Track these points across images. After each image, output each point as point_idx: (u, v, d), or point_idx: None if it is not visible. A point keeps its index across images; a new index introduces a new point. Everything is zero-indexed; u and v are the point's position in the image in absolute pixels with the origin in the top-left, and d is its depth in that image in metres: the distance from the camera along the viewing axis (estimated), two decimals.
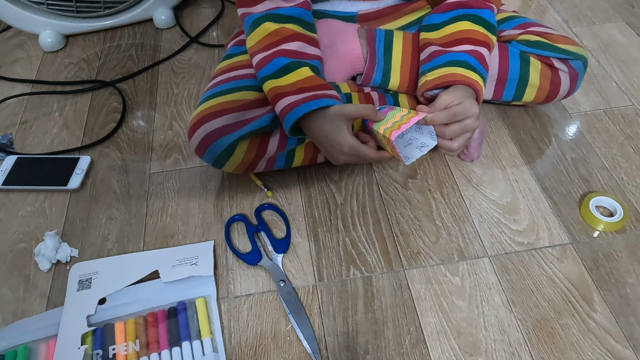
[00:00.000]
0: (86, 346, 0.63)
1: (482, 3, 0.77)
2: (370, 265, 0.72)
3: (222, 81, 0.77)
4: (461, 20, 0.76)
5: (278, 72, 0.70)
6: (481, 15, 0.76)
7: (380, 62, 0.79)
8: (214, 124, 0.70)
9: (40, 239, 0.76)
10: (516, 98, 0.84)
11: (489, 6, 0.77)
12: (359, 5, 0.85)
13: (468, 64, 0.72)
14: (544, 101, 0.85)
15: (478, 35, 0.75)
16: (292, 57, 0.71)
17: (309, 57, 0.72)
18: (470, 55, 0.73)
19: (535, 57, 0.81)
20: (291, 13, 0.74)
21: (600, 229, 0.75)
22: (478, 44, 0.74)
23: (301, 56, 0.71)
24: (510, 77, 0.81)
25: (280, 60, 0.70)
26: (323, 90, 0.69)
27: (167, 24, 1.15)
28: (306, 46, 0.73)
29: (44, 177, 0.84)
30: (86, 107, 0.98)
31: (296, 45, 0.72)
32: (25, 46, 1.13)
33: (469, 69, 0.72)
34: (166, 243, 0.75)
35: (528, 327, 0.65)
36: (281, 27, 0.72)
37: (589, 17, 1.14)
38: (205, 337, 0.64)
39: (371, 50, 0.79)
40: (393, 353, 0.63)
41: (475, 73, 0.72)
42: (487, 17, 0.76)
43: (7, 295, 0.70)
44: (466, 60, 0.73)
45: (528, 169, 0.83)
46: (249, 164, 0.75)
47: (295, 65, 0.70)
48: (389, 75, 0.80)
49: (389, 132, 0.64)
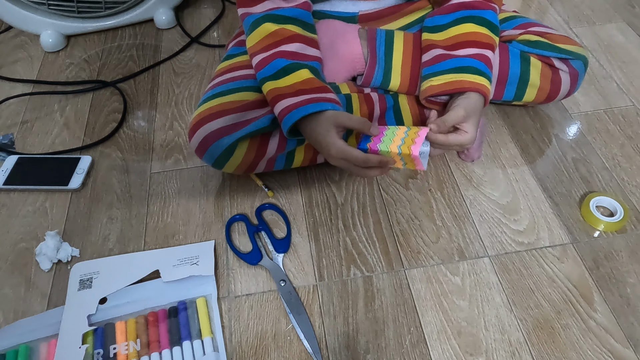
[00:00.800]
0: (87, 345, 0.63)
1: (484, 4, 0.77)
2: (370, 264, 0.72)
3: (222, 82, 0.77)
4: (465, 22, 0.76)
5: (277, 73, 0.70)
6: (485, 17, 0.76)
7: (381, 62, 0.80)
8: (214, 124, 0.71)
9: (42, 238, 0.76)
10: (517, 98, 0.84)
11: (491, 7, 0.77)
12: (360, 5, 0.85)
13: (476, 68, 0.72)
14: (544, 101, 0.85)
15: (483, 38, 0.75)
16: (292, 59, 0.71)
17: (308, 59, 0.72)
18: (477, 59, 0.73)
19: (535, 57, 0.81)
20: (291, 14, 0.74)
21: (600, 229, 0.75)
22: (483, 47, 0.74)
23: (300, 57, 0.71)
24: (510, 77, 0.81)
25: (279, 62, 0.70)
26: (322, 93, 0.69)
27: (168, 24, 1.15)
28: (306, 47, 0.73)
29: (45, 177, 0.84)
30: (87, 107, 0.98)
31: (295, 46, 0.72)
32: (27, 46, 1.13)
33: (477, 74, 0.72)
34: (167, 243, 0.76)
35: (528, 327, 0.65)
36: (281, 28, 0.72)
37: (589, 17, 1.14)
38: (205, 337, 0.64)
39: (372, 51, 0.79)
40: (393, 353, 0.63)
41: (483, 77, 0.72)
42: (491, 18, 0.76)
43: (8, 294, 0.71)
44: (473, 65, 0.73)
45: (528, 169, 0.83)
46: (249, 164, 0.75)
47: (294, 67, 0.70)
48: (389, 75, 0.80)
49: (408, 149, 0.64)
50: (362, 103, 0.79)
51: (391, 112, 0.81)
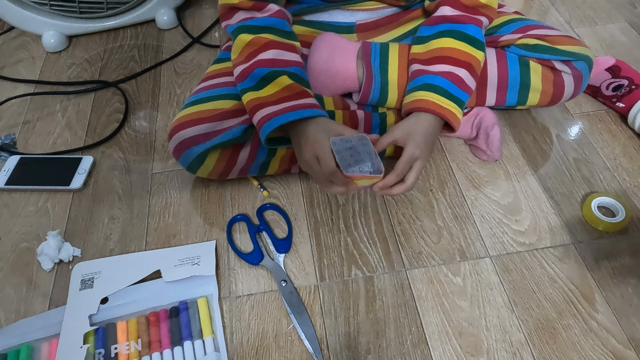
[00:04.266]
0: (88, 345, 0.63)
1: (468, 18, 0.76)
2: (371, 265, 0.72)
3: (204, 88, 0.79)
4: (444, 36, 0.76)
5: (258, 84, 0.71)
6: (465, 32, 0.75)
7: (377, 77, 0.79)
8: (188, 132, 0.72)
9: (43, 238, 0.76)
10: (520, 103, 0.84)
11: (475, 20, 0.76)
12: (357, 15, 0.85)
13: (442, 89, 0.72)
14: (549, 104, 0.84)
15: (459, 55, 0.74)
16: (270, 66, 0.71)
17: (287, 64, 0.72)
18: (446, 78, 0.73)
19: (535, 61, 0.80)
20: (265, 23, 0.75)
21: (602, 229, 0.75)
22: (457, 64, 0.74)
23: (279, 64, 0.72)
24: (510, 82, 0.81)
25: (259, 72, 0.71)
26: (303, 99, 0.69)
27: (170, 25, 1.15)
28: (283, 53, 0.73)
29: (47, 177, 0.84)
30: (89, 107, 0.98)
31: (272, 53, 0.72)
32: (29, 47, 1.13)
33: (442, 94, 0.72)
34: (168, 243, 0.76)
35: (530, 328, 0.65)
36: (256, 37, 0.73)
37: (591, 17, 1.14)
38: (207, 337, 0.64)
39: (367, 67, 0.79)
40: (395, 353, 0.63)
41: (448, 99, 0.72)
42: (472, 33, 0.76)
43: (9, 294, 0.71)
44: (440, 85, 0.73)
45: (530, 169, 0.83)
46: (220, 172, 0.76)
47: (273, 75, 0.70)
48: (386, 90, 0.80)
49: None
50: (346, 121, 0.79)
51: (377, 131, 0.81)
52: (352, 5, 0.83)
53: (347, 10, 0.84)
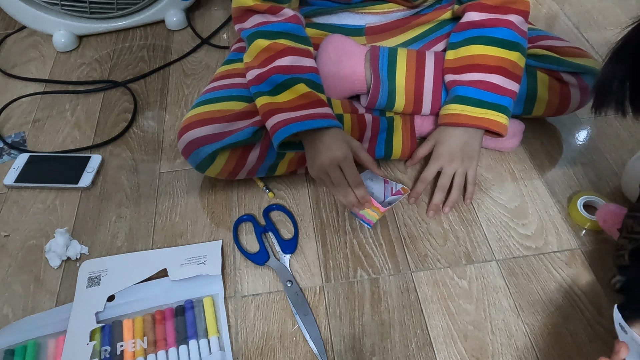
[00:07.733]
0: (94, 342, 0.64)
1: (495, 20, 0.76)
2: (377, 267, 0.72)
3: (215, 88, 0.79)
4: (472, 43, 0.76)
5: (274, 89, 0.72)
6: (493, 35, 0.75)
7: (385, 83, 0.79)
8: (198, 132, 0.72)
9: (51, 236, 0.76)
10: (526, 112, 0.84)
11: (503, 22, 0.76)
12: (367, 18, 0.85)
13: (475, 100, 0.74)
14: (555, 114, 0.84)
15: (489, 60, 0.75)
16: (287, 73, 0.72)
17: (304, 71, 0.73)
18: (478, 87, 0.74)
19: (542, 71, 0.80)
20: (281, 29, 0.75)
21: (587, 228, 0.74)
22: (489, 71, 0.74)
23: (295, 70, 0.72)
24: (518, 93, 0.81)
25: (276, 78, 0.72)
26: (320, 108, 0.71)
27: (179, 26, 1.16)
28: (300, 59, 0.74)
29: (56, 175, 0.85)
30: (98, 106, 0.99)
31: (289, 59, 0.73)
32: (39, 46, 1.14)
33: (475, 105, 0.74)
34: (175, 242, 0.76)
35: (535, 332, 0.65)
36: (273, 43, 0.74)
37: (599, 22, 1.14)
38: (212, 336, 0.65)
39: (374, 71, 0.79)
40: (399, 355, 0.63)
41: (483, 108, 0.73)
42: (501, 35, 0.75)
43: (17, 290, 0.71)
44: (472, 96, 0.74)
45: (537, 173, 0.83)
46: (229, 172, 0.76)
47: (290, 82, 0.71)
48: (394, 96, 0.80)
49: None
50: (355, 124, 0.80)
51: (384, 135, 0.81)
52: (362, 9, 0.84)
53: (356, 13, 0.85)
